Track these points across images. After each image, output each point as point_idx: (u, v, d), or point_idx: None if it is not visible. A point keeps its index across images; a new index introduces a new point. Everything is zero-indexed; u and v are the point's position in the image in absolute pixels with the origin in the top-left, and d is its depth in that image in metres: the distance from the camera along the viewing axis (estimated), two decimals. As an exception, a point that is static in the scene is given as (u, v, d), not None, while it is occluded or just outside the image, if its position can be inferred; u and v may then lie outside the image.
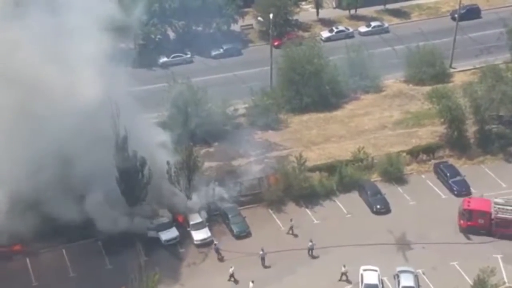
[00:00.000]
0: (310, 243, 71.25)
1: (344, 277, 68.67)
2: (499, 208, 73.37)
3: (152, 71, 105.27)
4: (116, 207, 72.33)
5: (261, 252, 70.45)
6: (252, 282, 67.60)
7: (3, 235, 71.08)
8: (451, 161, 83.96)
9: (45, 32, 71.17)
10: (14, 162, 69.13)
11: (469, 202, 74.69)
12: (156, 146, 76.52)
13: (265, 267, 70.52)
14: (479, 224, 73.42)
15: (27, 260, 71.38)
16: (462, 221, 74.18)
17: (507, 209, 73.10)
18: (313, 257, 71.40)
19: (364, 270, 68.22)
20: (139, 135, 71.96)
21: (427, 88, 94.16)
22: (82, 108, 69.90)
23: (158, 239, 73.26)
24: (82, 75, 71.47)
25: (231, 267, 69.30)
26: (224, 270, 69.68)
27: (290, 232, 74.72)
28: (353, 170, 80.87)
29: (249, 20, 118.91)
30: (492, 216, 73.29)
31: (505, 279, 67.33)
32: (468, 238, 73.47)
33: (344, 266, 68.50)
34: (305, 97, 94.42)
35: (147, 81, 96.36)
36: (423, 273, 68.99)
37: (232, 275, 69.03)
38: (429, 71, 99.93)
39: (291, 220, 75.23)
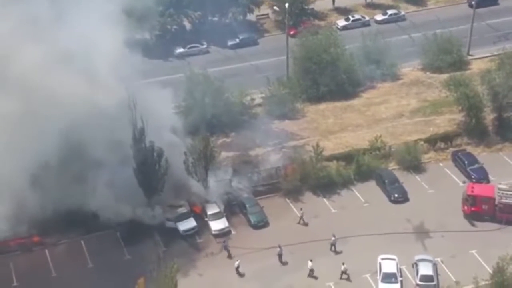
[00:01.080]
0: (333, 238, 70.66)
1: (344, 276, 68.02)
2: (503, 193, 73.12)
3: (168, 62, 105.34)
4: (121, 197, 72.20)
5: (278, 249, 69.87)
6: (311, 261, 67.99)
7: (23, 226, 71.72)
8: (469, 149, 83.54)
9: (55, 24, 71.36)
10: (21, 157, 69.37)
11: (472, 187, 74.54)
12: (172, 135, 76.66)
13: (283, 263, 70.03)
14: (483, 210, 73.32)
15: (46, 251, 71.85)
16: (466, 207, 74.03)
17: (511, 195, 72.82)
18: (336, 252, 70.77)
19: (382, 259, 68.05)
20: (155, 125, 71.98)
21: (444, 76, 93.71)
22: (99, 104, 70.21)
23: (176, 230, 73.41)
24: (99, 69, 71.68)
25: (237, 260, 69.24)
26: (242, 260, 69.70)
27: (301, 222, 74.65)
28: (370, 159, 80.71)
29: (264, 9, 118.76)
30: (496, 202, 73.11)
31: (525, 267, 67.08)
32: (473, 225, 73.29)
33: (343, 264, 68.05)
34: (322, 86, 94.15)
35: (164, 72, 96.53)
36: (442, 262, 68.78)
37: (237, 269, 68.78)
38: (446, 58, 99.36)
39: (301, 209, 75.23)
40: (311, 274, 68.27)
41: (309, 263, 68.00)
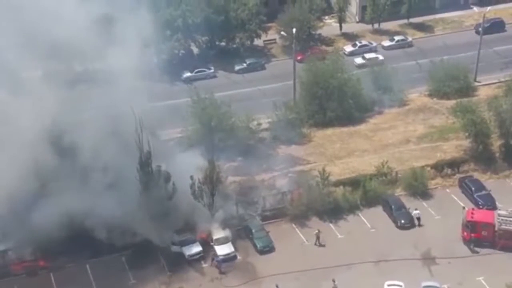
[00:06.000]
0: (334, 283, 68.74)
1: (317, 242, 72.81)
2: (502, 219, 72.87)
3: (175, 86, 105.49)
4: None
5: None
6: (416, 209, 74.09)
7: (28, 250, 71.62)
8: (476, 175, 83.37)
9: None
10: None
11: (472, 213, 74.25)
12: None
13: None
14: (483, 236, 73.04)
15: (51, 275, 71.63)
16: (465, 233, 73.77)
17: (510, 221, 72.57)
18: None
19: (389, 285, 67.77)
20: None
21: (451, 102, 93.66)
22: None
23: (181, 254, 73.16)
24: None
25: None
26: (248, 285, 69.36)
27: (317, 243, 74.60)
28: (377, 184, 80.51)
29: (272, 34, 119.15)
30: (496, 228, 72.78)
31: (532, 295, 66.77)
32: (473, 251, 72.93)
33: (319, 231, 72.56)
34: (329, 111, 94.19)
35: (171, 96, 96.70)
36: (449, 289, 68.58)
37: None
38: (453, 85, 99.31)
39: (318, 230, 75.09)
40: (415, 222, 75.81)
41: (415, 212, 75.66)
